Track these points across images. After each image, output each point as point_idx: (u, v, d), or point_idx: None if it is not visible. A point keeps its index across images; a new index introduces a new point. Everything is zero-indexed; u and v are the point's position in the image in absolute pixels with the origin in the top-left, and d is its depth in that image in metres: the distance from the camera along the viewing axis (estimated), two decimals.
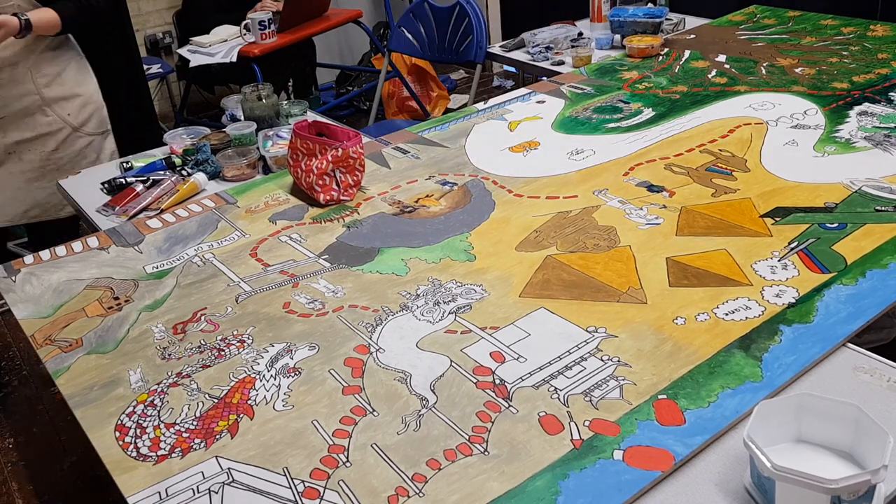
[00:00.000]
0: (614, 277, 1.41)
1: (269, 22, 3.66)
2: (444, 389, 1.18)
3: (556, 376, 1.18)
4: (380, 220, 1.70)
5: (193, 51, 3.72)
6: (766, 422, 0.99)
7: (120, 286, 1.53)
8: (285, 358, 1.28)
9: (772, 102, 2.09)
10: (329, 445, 1.09)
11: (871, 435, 0.96)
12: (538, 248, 1.53)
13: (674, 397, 1.12)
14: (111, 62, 3.51)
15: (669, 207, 1.63)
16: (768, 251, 1.45)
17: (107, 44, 3.48)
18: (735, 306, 1.30)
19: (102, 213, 1.88)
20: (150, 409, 1.20)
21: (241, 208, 1.80)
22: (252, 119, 2.18)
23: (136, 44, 3.64)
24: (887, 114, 1.96)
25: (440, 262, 1.51)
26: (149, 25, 4.44)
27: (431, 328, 1.32)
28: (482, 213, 1.69)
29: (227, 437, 1.13)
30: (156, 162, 2.07)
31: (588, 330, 1.28)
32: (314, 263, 1.55)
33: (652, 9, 2.86)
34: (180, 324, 1.40)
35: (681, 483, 1.00)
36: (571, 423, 1.09)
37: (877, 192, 1.61)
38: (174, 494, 1.04)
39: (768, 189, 1.67)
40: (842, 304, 1.29)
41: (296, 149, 1.81)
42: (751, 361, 1.18)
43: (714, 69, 2.37)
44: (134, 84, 3.63)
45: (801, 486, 0.90)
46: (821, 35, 2.58)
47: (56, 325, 1.43)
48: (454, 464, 1.05)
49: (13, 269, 1.63)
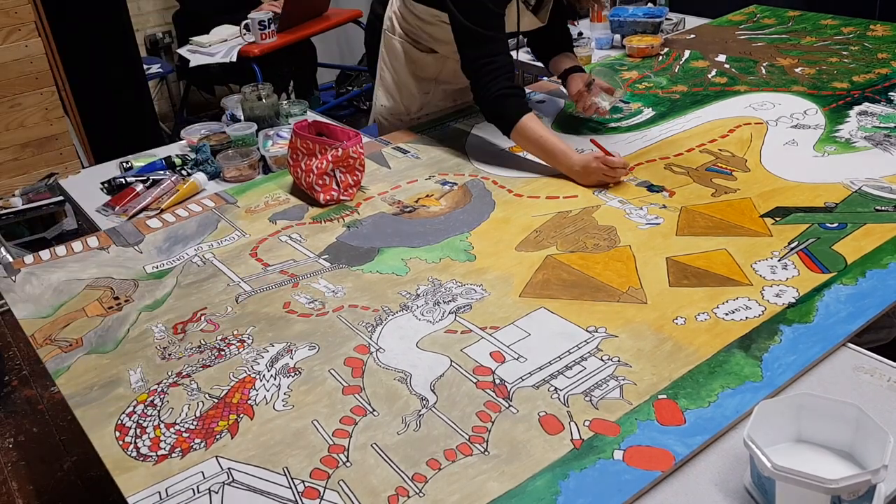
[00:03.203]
0: (614, 277, 1.41)
1: (269, 22, 3.66)
2: (445, 389, 1.18)
3: (557, 376, 1.18)
4: (380, 219, 1.70)
5: (193, 51, 3.72)
6: (766, 422, 0.99)
7: (120, 286, 1.53)
8: (285, 358, 1.28)
9: (772, 102, 2.09)
10: (329, 445, 1.09)
11: (871, 435, 0.96)
12: (538, 247, 1.53)
13: (674, 397, 1.12)
14: (111, 62, 3.52)
15: (669, 207, 1.63)
16: (768, 251, 1.45)
17: (107, 44, 3.48)
18: (735, 306, 1.30)
19: (102, 212, 1.88)
20: (150, 408, 1.20)
21: (241, 208, 1.80)
22: (252, 119, 2.18)
23: (136, 44, 3.64)
24: (887, 114, 1.96)
25: (440, 262, 1.51)
26: (149, 25, 4.44)
27: (431, 328, 1.32)
28: (482, 212, 1.69)
29: (227, 436, 1.13)
30: (156, 162, 2.07)
31: (588, 330, 1.28)
32: (314, 263, 1.55)
33: (652, 9, 2.86)
34: (180, 324, 1.39)
35: (681, 483, 1.00)
36: (571, 423, 1.09)
37: (877, 191, 1.61)
38: (174, 494, 1.04)
39: (768, 189, 1.67)
40: (842, 303, 1.29)
41: (296, 149, 1.81)
42: (751, 361, 1.18)
43: (714, 69, 2.37)
44: (134, 84, 3.63)
45: (801, 486, 0.90)
46: (821, 35, 2.58)
47: (56, 324, 1.43)
48: (454, 464, 1.05)
49: (13, 268, 1.63)
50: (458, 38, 1.84)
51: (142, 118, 3.68)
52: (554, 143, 1.79)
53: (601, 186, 1.72)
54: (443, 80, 2.14)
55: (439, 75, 2.12)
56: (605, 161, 1.69)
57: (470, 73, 1.85)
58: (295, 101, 2.35)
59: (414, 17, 1.98)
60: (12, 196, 3.18)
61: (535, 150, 1.83)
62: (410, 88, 2.12)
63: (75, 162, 3.47)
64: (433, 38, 2.01)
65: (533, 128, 1.80)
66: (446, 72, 2.12)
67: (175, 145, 2.23)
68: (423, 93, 2.15)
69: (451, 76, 2.13)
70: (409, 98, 2.14)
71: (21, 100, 3.28)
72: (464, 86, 2.17)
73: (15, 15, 3.17)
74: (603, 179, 1.71)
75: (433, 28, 1.97)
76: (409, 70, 2.10)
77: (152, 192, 1.89)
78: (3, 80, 3.21)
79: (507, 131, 1.84)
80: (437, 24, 1.95)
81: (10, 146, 3.31)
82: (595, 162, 1.70)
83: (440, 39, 2.00)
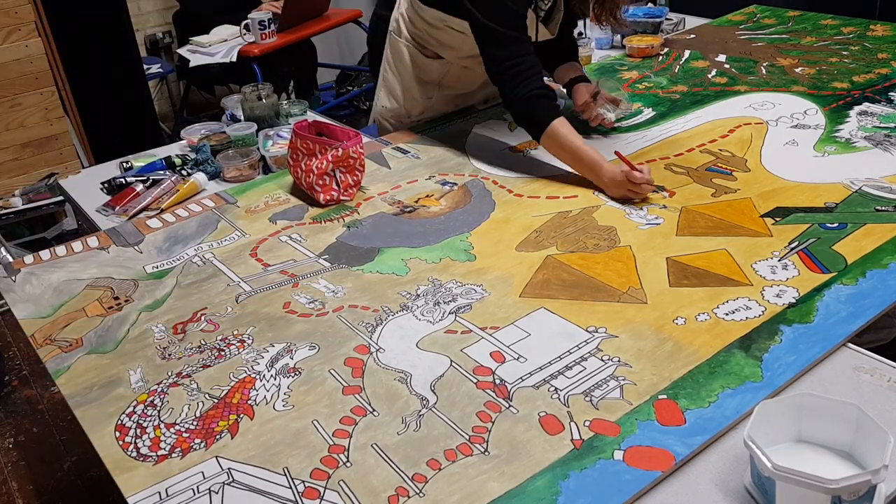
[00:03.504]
0: (614, 277, 1.41)
1: (269, 22, 3.66)
2: (445, 389, 1.18)
3: (557, 376, 1.18)
4: (380, 220, 1.70)
5: (193, 51, 3.72)
6: (766, 422, 0.99)
7: (120, 286, 1.53)
8: (285, 358, 1.28)
9: (772, 102, 2.09)
10: (329, 445, 1.09)
11: (871, 435, 0.96)
12: (538, 248, 1.53)
13: (674, 397, 1.12)
14: (111, 62, 3.52)
15: (669, 207, 1.63)
16: (768, 251, 1.45)
17: (107, 44, 3.48)
18: (735, 306, 1.30)
19: (102, 212, 1.88)
20: (150, 409, 1.20)
21: (241, 208, 1.80)
22: (252, 119, 2.18)
23: (136, 44, 3.64)
24: (887, 113, 1.96)
25: (440, 262, 1.51)
26: (149, 25, 4.44)
27: (431, 328, 1.32)
28: (482, 213, 1.69)
29: (227, 437, 1.13)
30: (156, 162, 2.07)
31: (588, 330, 1.28)
32: (314, 263, 1.55)
33: (652, 9, 2.86)
34: (180, 324, 1.39)
35: (681, 483, 1.00)
36: (572, 423, 1.09)
37: (877, 191, 1.61)
38: (174, 494, 1.04)
39: (768, 189, 1.67)
40: (842, 304, 1.29)
41: (296, 149, 1.81)
42: (751, 361, 1.18)
43: (714, 69, 2.37)
44: (134, 84, 3.64)
45: (801, 487, 0.90)
46: (821, 35, 2.58)
47: (56, 324, 1.43)
48: (454, 464, 1.04)
49: (13, 268, 1.63)
50: (480, 39, 1.79)
51: (142, 118, 3.68)
52: (585, 151, 1.72)
53: (627, 200, 1.66)
54: (446, 84, 2.13)
55: (443, 80, 2.11)
56: (629, 176, 1.64)
57: (496, 75, 1.80)
58: (295, 101, 2.35)
59: (422, 20, 1.97)
60: (12, 196, 3.17)
61: (566, 157, 1.77)
62: (413, 92, 2.12)
63: (75, 162, 3.47)
64: (440, 43, 2.00)
65: (565, 133, 1.74)
66: (450, 77, 2.10)
67: (175, 145, 2.23)
68: (426, 97, 2.14)
69: (454, 81, 2.12)
70: (412, 101, 2.13)
71: (21, 100, 3.28)
72: (466, 91, 2.16)
73: (15, 15, 3.17)
74: (627, 195, 1.66)
75: (440, 33, 1.96)
76: (413, 74, 2.09)
77: (152, 192, 1.89)
78: (3, 80, 3.21)
79: (538, 135, 1.77)
80: (445, 28, 1.93)
81: (10, 146, 3.31)
82: (621, 176, 1.65)
83: (447, 45, 1.98)
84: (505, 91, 1.80)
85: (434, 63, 2.06)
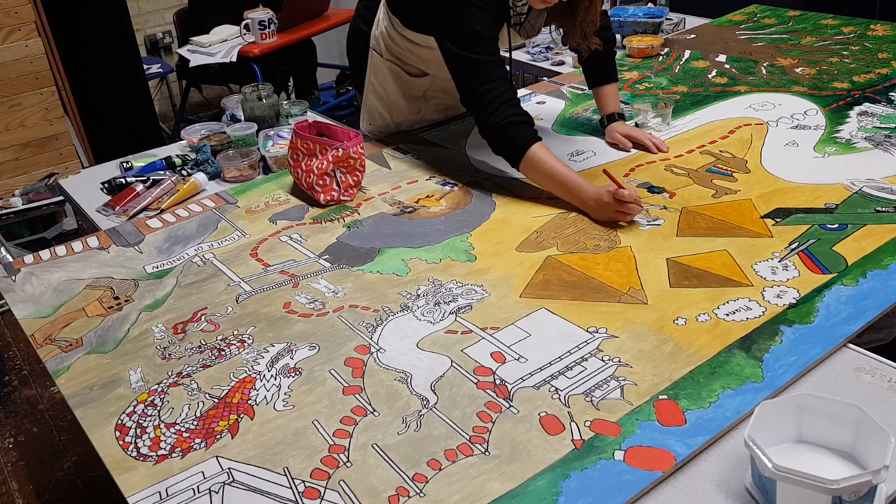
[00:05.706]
0: (615, 278, 1.41)
1: (269, 22, 3.66)
2: (445, 389, 1.18)
3: (557, 376, 1.18)
4: (380, 220, 1.70)
5: (193, 51, 3.72)
6: (767, 422, 0.99)
7: (120, 286, 1.53)
8: (286, 358, 1.28)
9: (772, 103, 2.09)
10: (329, 445, 1.09)
11: (872, 435, 0.96)
12: (539, 248, 1.53)
13: (674, 398, 1.12)
14: (111, 62, 3.52)
15: (670, 208, 1.63)
16: (769, 252, 1.45)
17: (107, 44, 3.49)
18: (736, 307, 1.30)
19: (102, 212, 1.88)
20: (150, 408, 1.20)
21: (242, 208, 1.80)
22: (252, 119, 2.18)
23: (136, 44, 3.65)
24: (888, 114, 1.96)
25: (441, 263, 1.51)
26: (149, 25, 4.44)
27: (432, 328, 1.32)
28: (482, 213, 1.69)
29: (227, 436, 1.13)
30: (156, 162, 2.07)
31: (589, 330, 1.28)
32: (314, 263, 1.55)
33: (652, 9, 2.86)
34: (180, 324, 1.39)
35: (681, 483, 1.00)
36: (572, 424, 1.09)
37: (877, 192, 1.61)
38: (174, 494, 1.04)
39: (769, 190, 1.67)
40: (842, 304, 1.29)
41: (296, 149, 1.81)
42: (752, 362, 1.18)
43: (714, 69, 2.37)
44: (134, 84, 3.64)
45: (802, 487, 0.90)
46: (821, 35, 2.58)
47: (56, 324, 1.43)
48: (455, 464, 1.04)
49: (13, 268, 1.63)
50: (451, 67, 1.72)
51: (142, 118, 3.69)
52: (566, 174, 1.64)
53: (614, 223, 1.58)
54: (431, 96, 2.09)
55: (427, 91, 2.07)
56: (616, 195, 1.55)
57: (469, 104, 1.72)
58: (295, 101, 2.35)
59: (403, 38, 1.90)
60: (12, 196, 3.18)
61: (546, 183, 1.68)
62: (401, 107, 2.08)
63: (75, 162, 3.47)
64: (422, 60, 1.94)
65: (544, 158, 1.65)
66: (435, 88, 2.05)
67: (175, 145, 2.23)
68: (414, 111, 2.10)
69: (439, 93, 2.08)
70: (400, 115, 2.10)
71: (21, 100, 3.28)
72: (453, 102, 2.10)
73: (15, 15, 3.17)
74: (615, 217, 1.58)
75: (422, 51, 1.90)
76: (399, 91, 2.04)
77: (152, 193, 1.89)
78: (3, 80, 3.21)
79: (516, 163, 1.69)
80: (426, 46, 1.86)
81: (10, 146, 3.31)
82: (607, 196, 1.57)
83: (430, 61, 1.91)
84: (479, 120, 1.71)
85: (418, 80, 2.02)
